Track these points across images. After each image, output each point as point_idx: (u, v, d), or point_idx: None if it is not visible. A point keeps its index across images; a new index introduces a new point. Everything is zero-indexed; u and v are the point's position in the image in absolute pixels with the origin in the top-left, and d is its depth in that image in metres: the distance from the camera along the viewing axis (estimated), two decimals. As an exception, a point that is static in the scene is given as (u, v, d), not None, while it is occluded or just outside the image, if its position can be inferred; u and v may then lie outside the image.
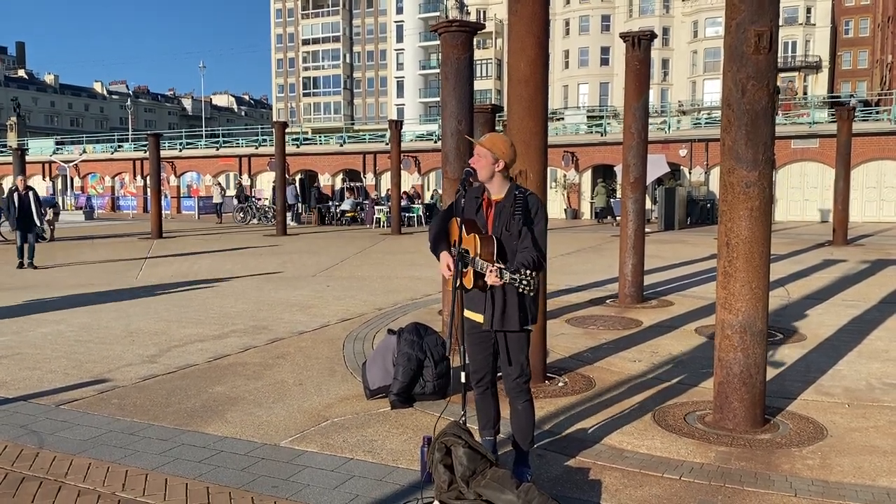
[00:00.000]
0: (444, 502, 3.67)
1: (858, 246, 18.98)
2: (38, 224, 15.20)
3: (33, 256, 14.76)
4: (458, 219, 3.89)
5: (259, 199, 34.19)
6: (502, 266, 3.67)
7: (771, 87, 4.84)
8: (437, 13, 75.83)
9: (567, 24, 66.54)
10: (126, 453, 4.63)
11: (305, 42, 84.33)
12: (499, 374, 4.21)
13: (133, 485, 4.15)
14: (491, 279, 3.65)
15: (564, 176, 33.90)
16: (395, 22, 79.91)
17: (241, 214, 31.78)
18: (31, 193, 14.86)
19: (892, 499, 3.91)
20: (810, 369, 6.59)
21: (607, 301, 10.35)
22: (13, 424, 5.20)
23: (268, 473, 4.29)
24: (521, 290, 3.60)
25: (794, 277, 12.66)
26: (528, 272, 3.59)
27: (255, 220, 31.28)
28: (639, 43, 9.85)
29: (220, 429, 5.07)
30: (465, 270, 3.84)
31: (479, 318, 4.00)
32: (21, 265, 14.69)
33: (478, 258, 3.77)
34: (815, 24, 62.36)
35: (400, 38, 79.51)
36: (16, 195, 14.61)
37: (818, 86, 62.40)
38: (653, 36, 10.17)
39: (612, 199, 29.36)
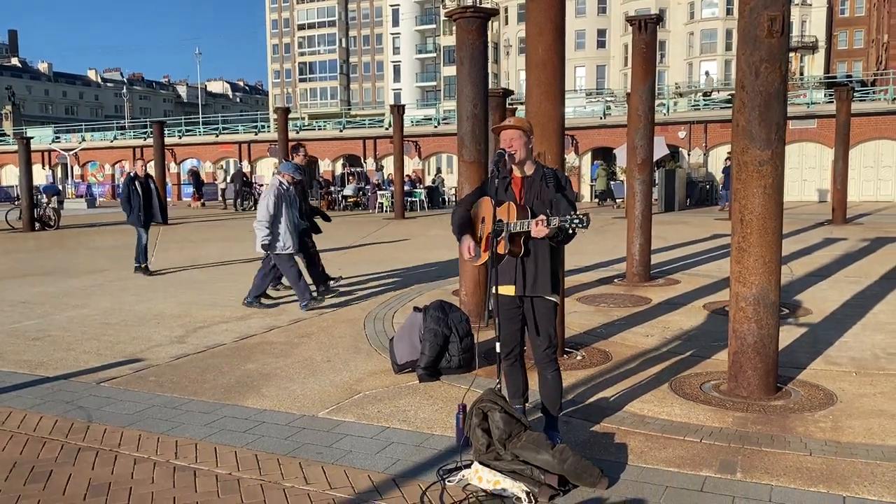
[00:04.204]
0: (483, 463, 3.91)
1: (857, 225, 19.25)
2: (161, 219, 12.40)
3: (147, 257, 12.28)
4: (491, 198, 4.11)
5: (260, 186, 34.27)
6: (547, 215, 3.89)
7: (783, 69, 5.05)
8: (433, -3, 75.61)
9: (564, 5, 66.32)
10: (172, 425, 4.87)
11: (301, 27, 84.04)
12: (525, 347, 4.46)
13: (185, 453, 4.39)
14: (537, 229, 3.85)
15: (564, 159, 34.06)
16: (391, 6, 79.66)
17: (241, 201, 31.82)
18: (151, 181, 12.34)
19: (901, 456, 4.17)
20: (818, 341, 6.85)
21: (615, 280, 10.60)
22: (59, 401, 5.43)
23: (311, 442, 4.53)
24: (572, 231, 3.83)
25: (796, 255, 12.92)
26: (575, 213, 3.82)
27: (254, 207, 31.40)
28: (645, 26, 10.02)
29: (258, 402, 5.31)
30: (499, 240, 4.05)
31: (510, 290, 4.22)
32: (143, 268, 12.01)
33: (514, 222, 3.99)
34: (811, 5, 62.35)
35: (396, 22, 79.30)
36: (137, 183, 11.89)
37: (815, 66, 62.48)
38: (658, 19, 10.34)
39: (612, 182, 29.55)
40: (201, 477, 4.06)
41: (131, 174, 12.13)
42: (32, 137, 25.94)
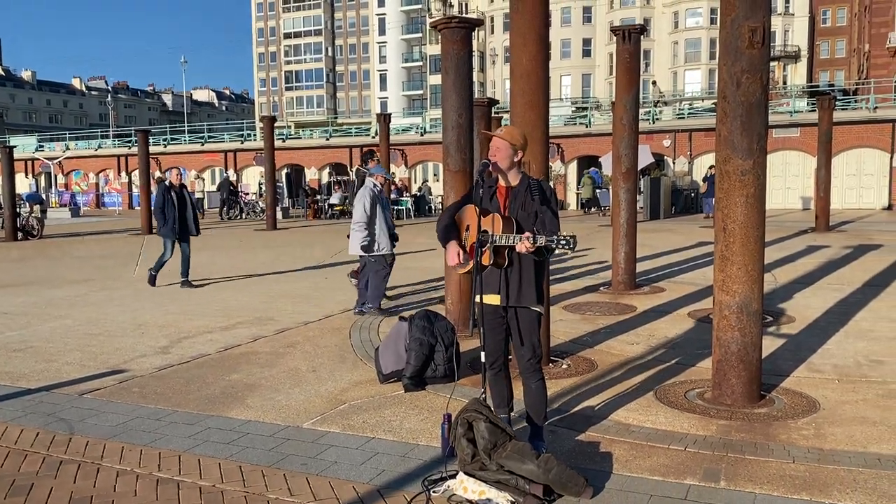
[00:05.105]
0: (468, 473, 3.90)
1: (840, 232, 19.43)
2: (195, 231, 11.65)
3: (189, 271, 11.60)
4: (475, 206, 4.13)
5: (247, 194, 34.18)
6: (534, 232, 3.91)
7: (764, 79, 5.10)
8: (419, 6, 75.85)
9: (549, 15, 66.75)
10: (155, 437, 4.83)
11: (287, 35, 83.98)
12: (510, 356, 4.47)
13: (168, 465, 4.36)
14: (522, 245, 3.86)
15: (550, 168, 34.18)
16: (377, 15, 79.79)
17: (227, 209, 31.70)
18: (185, 191, 11.61)
19: (882, 463, 4.20)
20: (801, 348, 6.90)
21: (601, 288, 10.64)
22: (41, 413, 5.37)
23: (295, 452, 4.51)
24: (557, 249, 3.84)
25: (780, 263, 13.02)
26: (562, 233, 3.84)
27: (241, 216, 31.28)
28: (629, 36, 10.09)
29: (243, 413, 5.28)
30: (483, 250, 4.06)
31: (495, 299, 4.22)
32: (153, 280, 11.52)
33: (499, 235, 4.00)
34: (793, 14, 63.06)
35: (382, 31, 79.43)
36: (172, 192, 11.18)
37: (797, 75, 63.14)
38: (642, 29, 10.42)
39: (598, 190, 29.67)
40: (185, 489, 4.03)
41: (166, 182, 11.32)
42: (15, 146, 25.74)
